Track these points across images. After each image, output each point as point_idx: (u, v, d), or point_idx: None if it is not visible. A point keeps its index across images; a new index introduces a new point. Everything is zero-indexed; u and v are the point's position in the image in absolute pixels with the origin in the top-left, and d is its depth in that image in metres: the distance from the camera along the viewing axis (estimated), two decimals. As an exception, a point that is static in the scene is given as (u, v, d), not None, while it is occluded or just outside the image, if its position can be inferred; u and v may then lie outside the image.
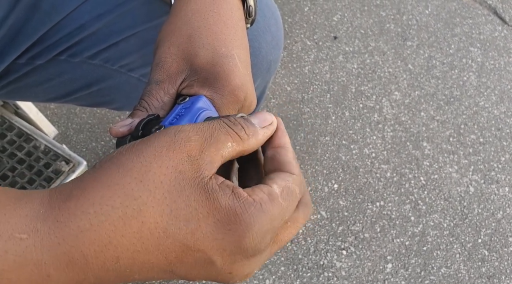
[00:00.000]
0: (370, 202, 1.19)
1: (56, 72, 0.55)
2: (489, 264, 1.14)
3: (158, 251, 0.25)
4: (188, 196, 0.25)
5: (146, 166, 0.25)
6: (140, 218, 0.25)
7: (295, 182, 0.30)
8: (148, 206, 0.25)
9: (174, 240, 0.25)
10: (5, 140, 0.91)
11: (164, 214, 0.25)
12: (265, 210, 0.26)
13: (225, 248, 0.26)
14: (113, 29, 0.51)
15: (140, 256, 0.25)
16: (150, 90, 0.35)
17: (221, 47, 0.36)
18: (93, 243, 0.24)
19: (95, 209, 0.24)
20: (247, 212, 0.26)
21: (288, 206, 0.28)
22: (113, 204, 0.25)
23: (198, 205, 0.25)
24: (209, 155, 0.27)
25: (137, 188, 0.25)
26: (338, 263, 1.09)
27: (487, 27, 1.59)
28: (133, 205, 0.25)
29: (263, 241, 0.27)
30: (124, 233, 0.25)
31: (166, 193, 0.25)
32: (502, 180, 1.27)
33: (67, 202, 0.25)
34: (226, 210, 0.26)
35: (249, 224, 0.26)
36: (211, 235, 0.26)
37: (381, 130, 1.31)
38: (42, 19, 0.51)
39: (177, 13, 0.38)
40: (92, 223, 0.24)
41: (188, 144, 0.26)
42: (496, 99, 1.43)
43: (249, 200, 0.26)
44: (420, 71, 1.45)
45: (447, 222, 1.18)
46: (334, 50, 1.45)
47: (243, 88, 0.35)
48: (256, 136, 0.29)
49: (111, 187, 0.25)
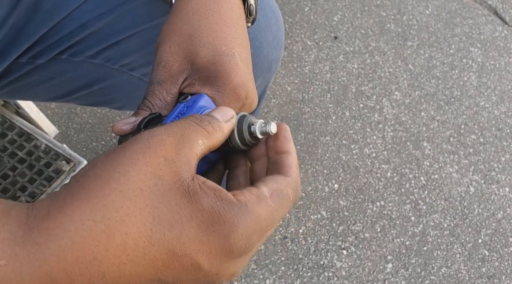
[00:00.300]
0: (371, 202, 1.19)
1: (57, 71, 0.55)
2: (489, 264, 1.14)
3: (145, 260, 0.25)
4: (170, 201, 0.25)
5: (124, 175, 0.25)
6: (123, 229, 0.24)
7: (289, 185, 0.29)
8: (130, 216, 0.24)
9: (159, 248, 0.25)
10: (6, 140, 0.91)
11: (147, 222, 0.24)
12: (250, 211, 0.26)
13: (211, 251, 0.26)
14: (114, 29, 0.52)
15: (127, 268, 0.25)
16: (152, 90, 0.36)
17: (222, 46, 0.36)
18: (77, 260, 0.24)
19: (76, 226, 0.24)
20: (230, 213, 0.26)
21: (278, 208, 0.28)
22: (94, 218, 0.24)
23: (180, 209, 0.25)
24: (185, 155, 0.26)
25: (118, 198, 0.24)
26: (339, 263, 1.09)
27: (487, 27, 1.59)
28: (115, 217, 0.24)
29: (248, 242, 0.26)
30: (108, 247, 0.24)
31: (147, 201, 0.25)
32: (503, 180, 1.27)
33: (46, 222, 0.24)
34: (209, 212, 0.25)
35: (233, 225, 0.26)
36: (196, 238, 0.25)
37: (381, 130, 1.31)
38: (43, 19, 0.51)
39: (178, 12, 0.38)
40: (73, 240, 0.23)
41: (163, 147, 0.26)
42: (497, 99, 1.43)
43: (233, 201, 0.26)
44: (420, 71, 1.45)
45: (447, 222, 1.18)
46: (335, 50, 1.45)
47: (244, 86, 0.35)
48: (221, 130, 0.30)
49: (90, 201, 0.24)
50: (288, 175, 0.30)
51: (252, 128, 0.32)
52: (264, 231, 0.27)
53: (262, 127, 0.32)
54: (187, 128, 0.28)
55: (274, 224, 0.28)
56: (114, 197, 0.24)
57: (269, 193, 0.28)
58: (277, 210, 0.28)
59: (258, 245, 0.28)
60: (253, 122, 0.33)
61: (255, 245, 0.27)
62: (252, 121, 0.33)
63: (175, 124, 0.28)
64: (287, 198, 0.29)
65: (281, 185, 0.29)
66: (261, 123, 0.32)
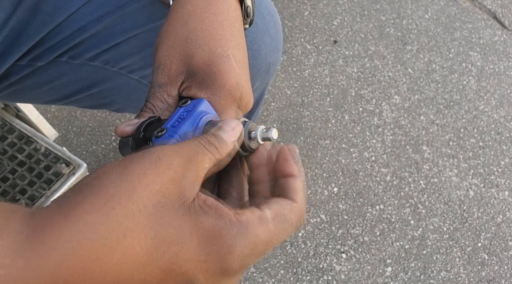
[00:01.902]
0: (370, 205, 1.19)
1: (57, 74, 0.55)
2: (489, 268, 1.14)
3: (142, 275, 0.25)
4: (171, 218, 0.25)
5: (129, 191, 0.25)
6: (124, 244, 0.24)
7: (293, 211, 0.29)
8: (132, 231, 0.24)
9: (157, 264, 0.25)
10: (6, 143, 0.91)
11: (148, 238, 0.25)
12: (250, 233, 0.26)
13: (207, 269, 0.26)
14: (113, 31, 0.52)
15: (125, 281, 0.25)
16: (154, 93, 0.36)
17: (217, 48, 0.36)
18: (77, 270, 0.24)
19: (78, 239, 0.24)
20: (230, 233, 0.26)
21: (279, 233, 0.28)
22: (96, 231, 0.24)
23: (181, 226, 0.25)
24: (190, 177, 0.27)
25: (121, 213, 0.24)
26: (338, 266, 1.09)
27: (486, 32, 1.60)
28: (117, 231, 0.24)
29: (244, 263, 0.26)
30: (107, 261, 0.24)
31: (150, 217, 0.25)
32: (502, 184, 1.27)
33: (48, 232, 0.24)
34: (209, 230, 0.26)
35: (232, 245, 0.26)
36: (194, 256, 0.25)
37: (380, 133, 1.31)
38: (43, 21, 0.51)
39: (174, 15, 0.38)
40: (74, 251, 0.24)
41: (172, 167, 0.26)
42: (496, 103, 1.43)
43: (233, 220, 0.26)
44: (420, 75, 1.45)
45: (446, 225, 1.18)
46: (334, 54, 1.45)
47: (238, 88, 0.35)
48: (227, 151, 0.30)
49: (94, 213, 0.24)
50: (294, 201, 0.29)
51: (253, 134, 0.32)
52: (261, 253, 0.27)
53: (263, 133, 0.32)
54: (196, 151, 0.28)
55: (272, 247, 0.28)
56: (118, 211, 0.24)
57: (271, 217, 0.28)
58: (277, 234, 0.28)
59: (252, 264, 0.28)
60: (254, 128, 0.33)
61: (250, 264, 0.27)
62: (253, 127, 0.33)
63: (186, 145, 0.28)
64: (289, 224, 0.28)
65: (285, 210, 0.29)
66: (262, 129, 0.32)
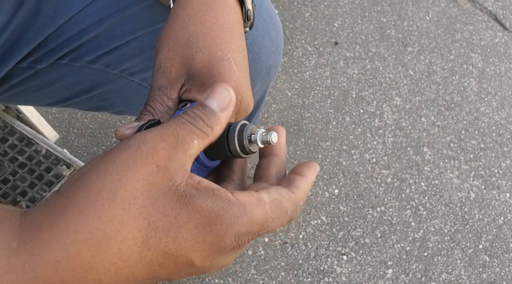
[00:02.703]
0: (371, 207, 1.18)
1: (57, 76, 0.55)
2: (490, 270, 1.13)
3: (141, 264, 0.25)
4: (165, 206, 0.25)
5: (115, 184, 0.24)
6: (118, 238, 0.24)
7: (290, 200, 0.30)
8: (125, 224, 0.24)
9: (155, 251, 0.25)
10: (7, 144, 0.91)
11: (142, 229, 0.25)
12: (248, 212, 0.27)
13: (205, 249, 0.26)
14: (114, 34, 0.52)
15: (123, 273, 0.25)
16: (153, 96, 0.36)
17: (217, 51, 0.36)
18: (73, 270, 0.24)
19: (71, 238, 0.24)
20: (229, 213, 0.26)
21: (274, 217, 0.28)
22: (89, 229, 0.24)
23: (177, 213, 0.25)
24: (178, 160, 0.26)
25: (111, 208, 0.24)
26: (339, 268, 1.09)
27: (487, 33, 1.59)
28: (109, 226, 0.24)
29: (240, 241, 0.27)
30: (104, 256, 0.24)
31: (141, 208, 0.25)
32: (503, 186, 1.27)
33: (41, 233, 0.24)
34: (207, 212, 0.26)
35: (230, 224, 0.26)
36: (192, 238, 0.26)
37: (381, 135, 1.31)
38: (44, 24, 0.51)
39: (175, 18, 0.38)
40: (69, 251, 0.24)
41: (155, 153, 0.25)
42: (497, 105, 1.43)
43: (232, 200, 0.26)
44: (420, 77, 1.45)
45: (448, 227, 1.18)
46: (335, 55, 1.45)
47: (238, 91, 0.35)
48: (219, 123, 0.28)
49: (83, 212, 0.24)
50: (293, 192, 0.30)
51: (253, 137, 0.32)
52: (255, 233, 0.28)
53: (263, 136, 0.32)
54: (181, 130, 0.27)
55: (267, 231, 0.28)
56: (107, 207, 0.24)
57: (269, 200, 0.28)
58: (273, 218, 0.28)
59: (248, 244, 0.28)
60: (254, 131, 0.33)
61: (245, 244, 0.28)
62: (253, 130, 0.33)
63: (168, 126, 0.27)
64: (284, 211, 0.29)
65: (282, 197, 0.29)
66: (262, 132, 0.32)
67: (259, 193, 0.28)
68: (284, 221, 0.29)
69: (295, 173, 0.32)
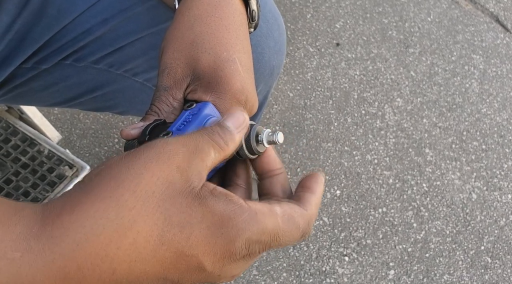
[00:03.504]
0: (373, 208, 1.18)
1: (61, 77, 0.56)
2: (492, 271, 1.13)
3: (154, 259, 0.26)
4: (181, 203, 0.26)
5: (137, 178, 0.26)
6: (135, 228, 0.25)
7: (303, 216, 0.30)
8: (142, 215, 0.25)
9: (169, 247, 0.26)
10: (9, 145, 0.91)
11: (158, 222, 0.25)
12: (259, 220, 0.27)
13: (216, 252, 0.26)
14: (118, 34, 0.52)
15: (137, 266, 0.25)
16: (159, 96, 0.36)
17: (223, 52, 0.36)
18: (89, 256, 0.24)
19: (90, 223, 0.24)
20: (240, 217, 0.26)
21: (286, 230, 0.28)
22: (108, 216, 0.25)
23: (192, 211, 0.26)
24: (196, 166, 0.27)
25: (131, 199, 0.25)
26: (340, 269, 1.09)
27: (489, 35, 1.60)
28: (128, 216, 0.25)
29: (251, 249, 0.27)
30: (120, 245, 0.25)
31: (160, 202, 0.25)
32: (505, 187, 1.27)
33: (61, 217, 0.25)
34: (220, 214, 0.26)
35: (241, 229, 0.26)
36: (205, 239, 0.26)
37: (383, 136, 1.31)
38: (48, 24, 0.51)
39: (180, 18, 0.38)
40: (87, 236, 0.24)
41: (177, 156, 0.27)
42: (499, 106, 1.43)
43: (244, 206, 0.27)
44: (422, 78, 1.45)
45: (449, 228, 1.18)
46: (337, 56, 1.45)
47: (243, 91, 0.36)
48: (233, 141, 0.30)
49: (104, 200, 0.25)
50: (305, 209, 0.31)
51: (260, 137, 0.33)
52: (266, 244, 0.28)
53: (269, 136, 0.33)
54: (200, 141, 0.28)
55: (278, 244, 0.29)
56: (127, 197, 0.25)
57: (280, 213, 0.28)
58: (284, 231, 0.28)
59: (259, 255, 0.29)
60: (260, 131, 0.33)
61: (256, 254, 0.28)
62: (260, 130, 0.33)
63: (189, 136, 0.29)
64: (296, 226, 0.29)
65: (295, 213, 0.29)
66: (268, 132, 0.33)
67: (271, 204, 0.29)
68: (296, 236, 0.29)
69: (303, 188, 0.32)
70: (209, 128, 0.30)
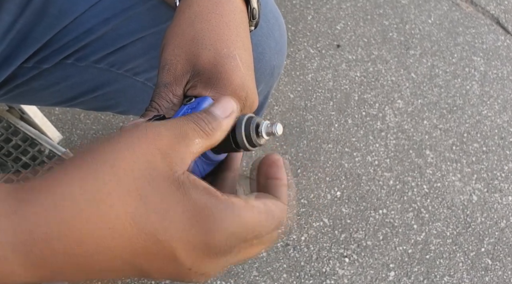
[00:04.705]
0: (373, 209, 1.18)
1: (63, 76, 0.56)
2: (492, 273, 1.13)
3: (124, 238, 0.25)
4: (159, 185, 0.25)
5: (118, 153, 0.25)
6: (108, 202, 0.24)
7: (278, 206, 0.29)
8: (117, 191, 0.24)
9: (141, 228, 0.25)
10: (10, 145, 0.92)
11: (133, 201, 0.25)
12: (236, 212, 0.26)
13: (189, 241, 0.26)
14: (119, 34, 0.52)
15: (105, 242, 0.24)
16: (159, 92, 0.36)
17: (223, 48, 0.36)
18: (57, 224, 0.24)
19: (62, 190, 0.24)
20: (217, 208, 0.26)
21: (263, 222, 0.28)
22: (81, 186, 0.24)
23: (169, 195, 0.25)
24: (180, 152, 0.27)
25: (108, 172, 0.25)
26: (341, 270, 1.09)
27: (489, 37, 1.60)
28: (102, 189, 0.24)
29: (227, 242, 0.26)
30: (90, 217, 0.24)
31: (137, 181, 0.25)
32: (506, 189, 1.27)
33: (32, 182, 0.24)
34: (196, 202, 0.26)
35: (217, 220, 0.26)
36: (179, 225, 0.25)
37: (384, 138, 1.31)
38: (49, 24, 0.51)
39: (181, 16, 0.39)
40: (57, 203, 0.24)
41: (159, 139, 0.26)
42: (499, 108, 1.43)
43: (222, 198, 0.26)
44: (423, 80, 1.45)
45: (450, 230, 1.18)
46: (337, 58, 1.46)
47: (244, 87, 0.36)
48: (220, 128, 0.30)
49: (81, 170, 0.25)
50: (282, 201, 0.30)
51: (259, 129, 0.33)
52: (244, 239, 0.27)
53: (268, 128, 0.33)
54: (185, 126, 0.28)
55: (255, 236, 0.28)
56: (105, 170, 0.25)
57: (256, 204, 0.28)
58: (262, 223, 0.28)
59: (235, 252, 0.28)
60: (259, 123, 0.33)
61: (233, 250, 0.27)
62: (259, 122, 0.33)
63: (175, 121, 0.28)
64: (271, 216, 0.29)
65: (272, 204, 0.29)
66: (267, 124, 0.33)
67: (248, 197, 0.28)
68: (273, 227, 0.29)
69: (268, 178, 0.32)
70: (196, 114, 0.30)
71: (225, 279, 1.04)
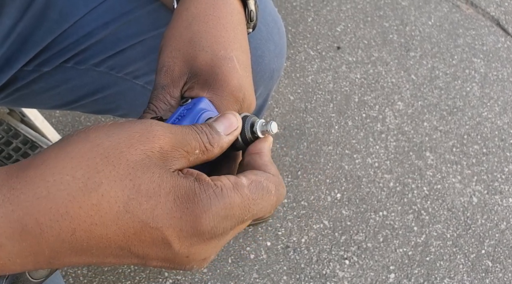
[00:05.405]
0: (373, 211, 1.18)
1: (63, 79, 0.56)
2: (492, 275, 1.13)
3: (117, 225, 0.25)
4: (153, 173, 0.26)
5: (114, 145, 0.25)
6: (100, 190, 0.24)
7: (270, 179, 0.30)
8: (110, 179, 0.25)
9: (133, 215, 0.25)
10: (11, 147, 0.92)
11: (126, 189, 0.25)
12: (225, 195, 0.27)
13: (181, 228, 0.26)
14: (119, 37, 0.52)
15: (97, 230, 0.25)
16: (157, 95, 0.36)
17: (220, 50, 0.37)
18: (49, 211, 0.24)
19: (54, 178, 0.24)
20: (205, 193, 0.26)
21: (256, 199, 0.28)
22: (74, 174, 0.24)
23: (161, 182, 0.26)
24: (179, 154, 0.27)
25: (102, 162, 0.25)
26: (341, 272, 1.09)
27: (490, 38, 1.60)
28: (94, 177, 0.24)
29: (219, 225, 0.27)
30: (82, 205, 0.24)
31: (131, 169, 0.25)
32: (506, 191, 1.27)
33: (26, 171, 0.24)
34: (186, 189, 0.26)
35: (206, 205, 0.26)
36: (170, 212, 0.26)
37: (384, 139, 1.31)
38: (50, 27, 0.52)
39: (178, 18, 0.39)
40: (49, 191, 0.24)
41: (162, 138, 0.27)
42: (499, 110, 1.43)
43: (210, 183, 0.27)
44: (423, 82, 1.45)
45: (450, 232, 1.18)
46: (337, 60, 1.46)
47: (241, 89, 0.36)
48: (220, 145, 0.30)
49: (75, 158, 0.25)
50: (267, 171, 0.30)
51: (254, 128, 0.33)
52: (238, 219, 0.27)
53: (263, 126, 0.33)
54: (188, 135, 0.28)
55: (252, 215, 0.28)
56: (98, 160, 0.25)
57: (247, 183, 0.28)
58: (255, 200, 0.28)
59: (231, 233, 0.28)
60: (254, 122, 0.33)
61: (227, 231, 0.27)
62: (254, 120, 0.33)
63: (179, 127, 0.29)
64: (267, 190, 0.29)
65: (260, 178, 0.29)
66: (262, 122, 0.33)
67: (237, 176, 0.29)
68: (271, 201, 0.29)
69: (251, 154, 0.32)
70: (200, 126, 0.30)
71: (225, 281, 1.04)
